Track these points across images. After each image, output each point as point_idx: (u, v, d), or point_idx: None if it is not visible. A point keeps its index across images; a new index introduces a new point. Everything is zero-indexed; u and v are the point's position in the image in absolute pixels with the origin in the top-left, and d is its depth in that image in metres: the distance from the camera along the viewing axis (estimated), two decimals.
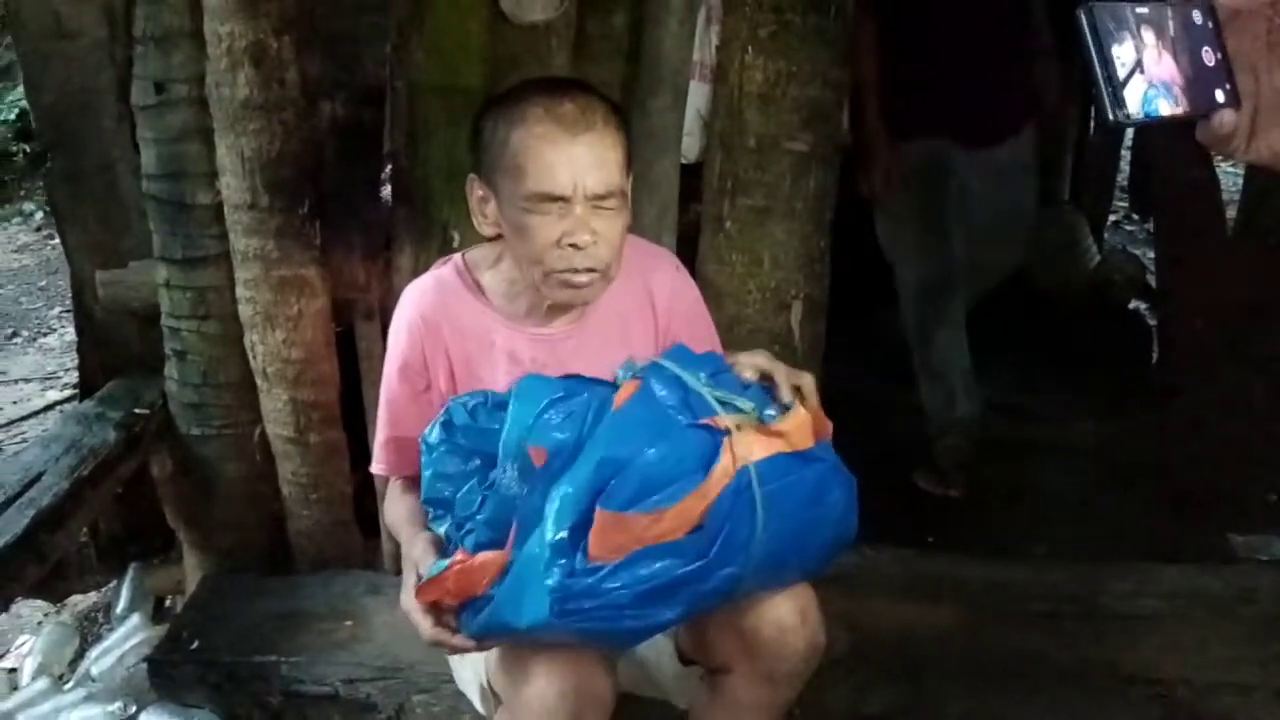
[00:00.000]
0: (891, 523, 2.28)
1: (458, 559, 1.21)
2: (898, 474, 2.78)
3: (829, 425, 1.26)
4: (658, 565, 1.14)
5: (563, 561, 1.14)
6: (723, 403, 1.21)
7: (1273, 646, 1.85)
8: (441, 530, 1.30)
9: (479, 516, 1.23)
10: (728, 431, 1.17)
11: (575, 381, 1.26)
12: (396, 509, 1.47)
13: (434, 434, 1.31)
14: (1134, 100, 0.73)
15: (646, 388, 1.22)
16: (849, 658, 1.82)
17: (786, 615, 1.28)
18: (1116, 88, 0.73)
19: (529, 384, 1.27)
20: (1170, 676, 1.81)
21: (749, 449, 1.17)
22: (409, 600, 1.28)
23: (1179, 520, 2.56)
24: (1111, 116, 0.73)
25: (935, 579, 2.06)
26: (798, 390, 1.26)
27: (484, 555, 1.20)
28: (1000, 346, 3.56)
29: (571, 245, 1.30)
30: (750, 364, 1.29)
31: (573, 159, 1.28)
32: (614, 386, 1.25)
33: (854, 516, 1.27)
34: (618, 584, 1.14)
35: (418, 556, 1.31)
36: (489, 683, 1.36)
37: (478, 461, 1.27)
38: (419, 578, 1.27)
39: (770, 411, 1.22)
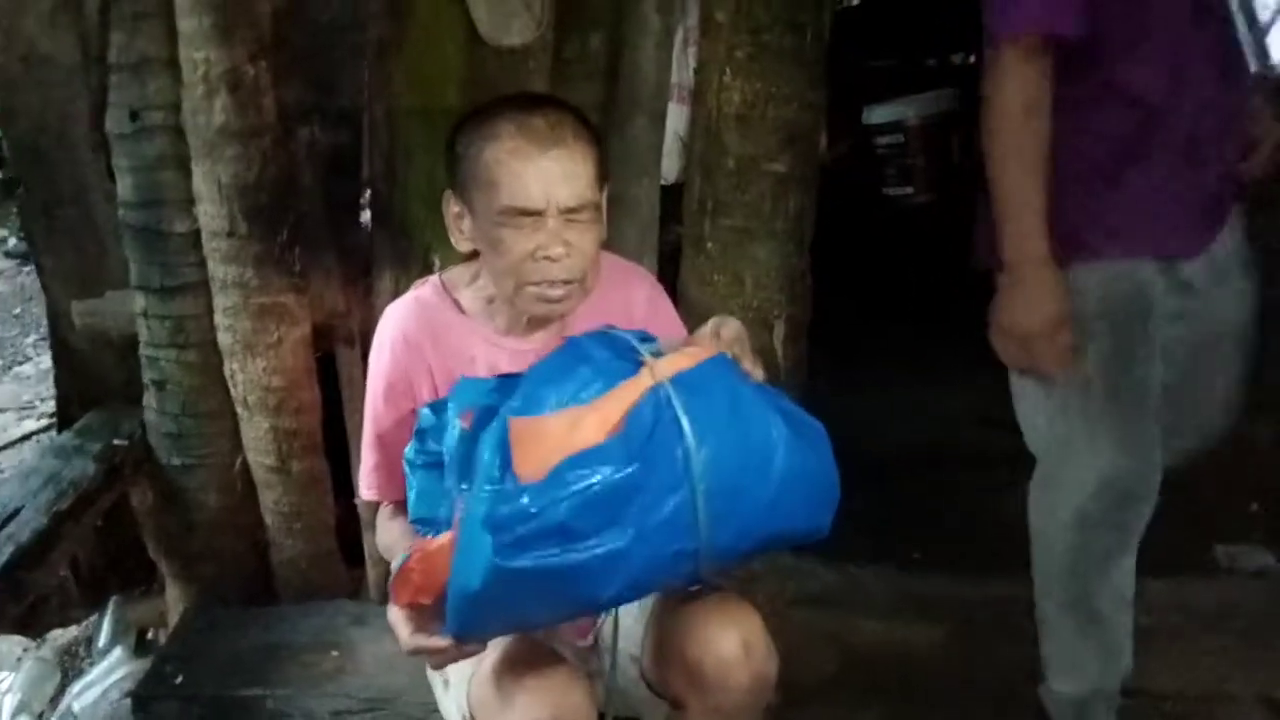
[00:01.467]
0: (878, 540, 2.29)
1: (416, 545, 1.20)
2: (883, 490, 2.78)
3: (757, 373, 1.24)
4: (584, 471, 1.10)
5: (489, 489, 1.12)
6: (650, 351, 1.21)
7: (1261, 657, 1.86)
8: None
9: (442, 515, 1.22)
10: (648, 360, 1.18)
11: (507, 376, 1.28)
12: (389, 532, 1.46)
13: (411, 449, 1.31)
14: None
15: (572, 340, 1.25)
16: (838, 677, 1.82)
17: (728, 649, 1.27)
18: (1260, 38, 0.71)
19: (463, 383, 1.29)
20: (1161, 689, 1.82)
21: (666, 368, 1.17)
22: (393, 613, 1.27)
23: (1164, 532, 2.57)
24: (1258, 66, 0.71)
25: (924, 596, 2.07)
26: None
27: (440, 536, 1.19)
28: (985, 359, 3.58)
29: (545, 258, 1.31)
30: (703, 333, 1.28)
31: (544, 173, 1.29)
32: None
33: (828, 461, 1.22)
34: (547, 499, 1.10)
35: None
36: (470, 713, 1.35)
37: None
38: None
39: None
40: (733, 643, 1.27)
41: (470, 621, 1.19)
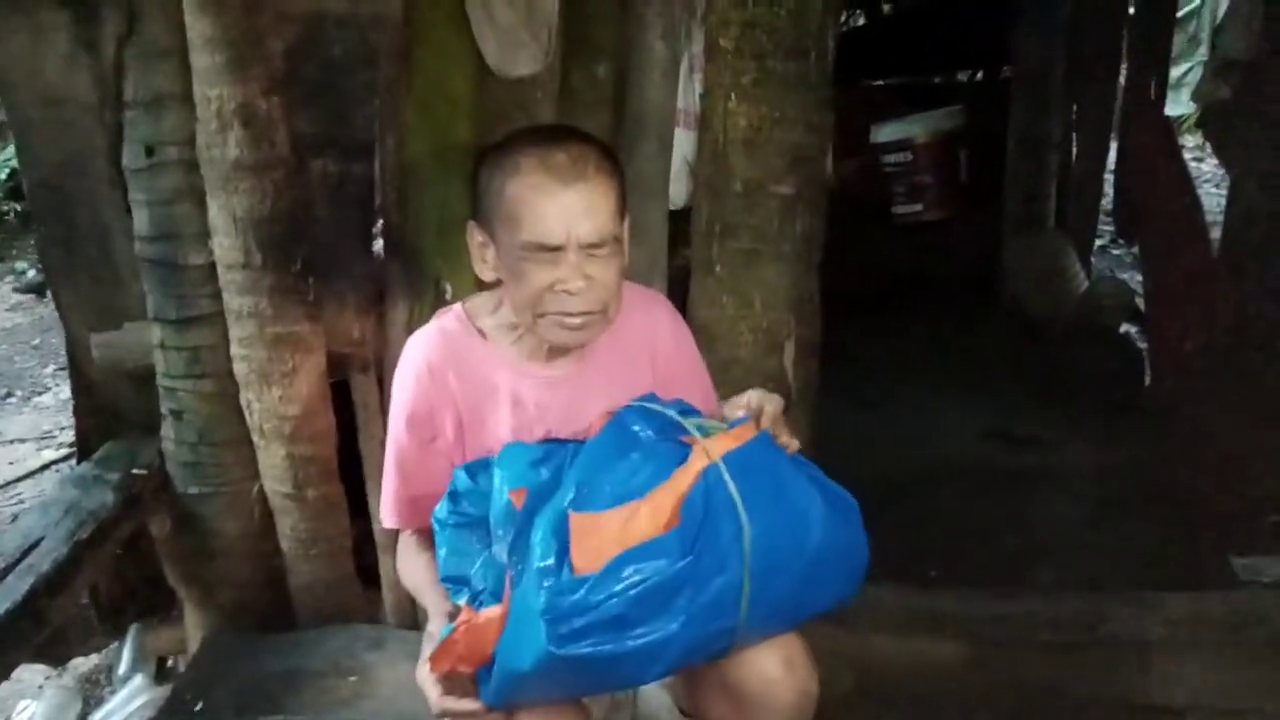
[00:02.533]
0: (893, 558, 2.29)
1: (463, 618, 1.21)
2: (898, 508, 2.78)
3: (793, 444, 1.28)
4: (642, 566, 1.14)
5: (549, 582, 1.14)
6: (694, 426, 1.25)
7: None
8: (462, 602, 1.30)
9: (483, 587, 1.24)
10: (697, 441, 1.21)
11: (553, 444, 1.30)
12: (414, 568, 1.47)
13: (443, 509, 1.32)
14: None
15: (619, 419, 1.26)
16: (854, 695, 1.82)
17: (772, 667, 1.27)
18: None
19: (510, 451, 1.30)
20: (1180, 704, 1.82)
21: (716, 448, 1.20)
22: (422, 672, 1.27)
23: (1179, 544, 2.56)
24: None
25: (938, 613, 2.06)
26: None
27: (487, 610, 1.20)
28: (991, 374, 3.58)
29: (565, 291, 1.32)
30: (738, 404, 1.31)
31: (565, 209, 1.30)
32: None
33: (859, 534, 1.26)
34: (605, 593, 1.13)
35: (434, 631, 1.32)
36: None
37: (490, 534, 1.28)
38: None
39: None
40: (776, 661, 1.28)
41: (511, 696, 1.22)
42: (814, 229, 1.98)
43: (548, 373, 1.44)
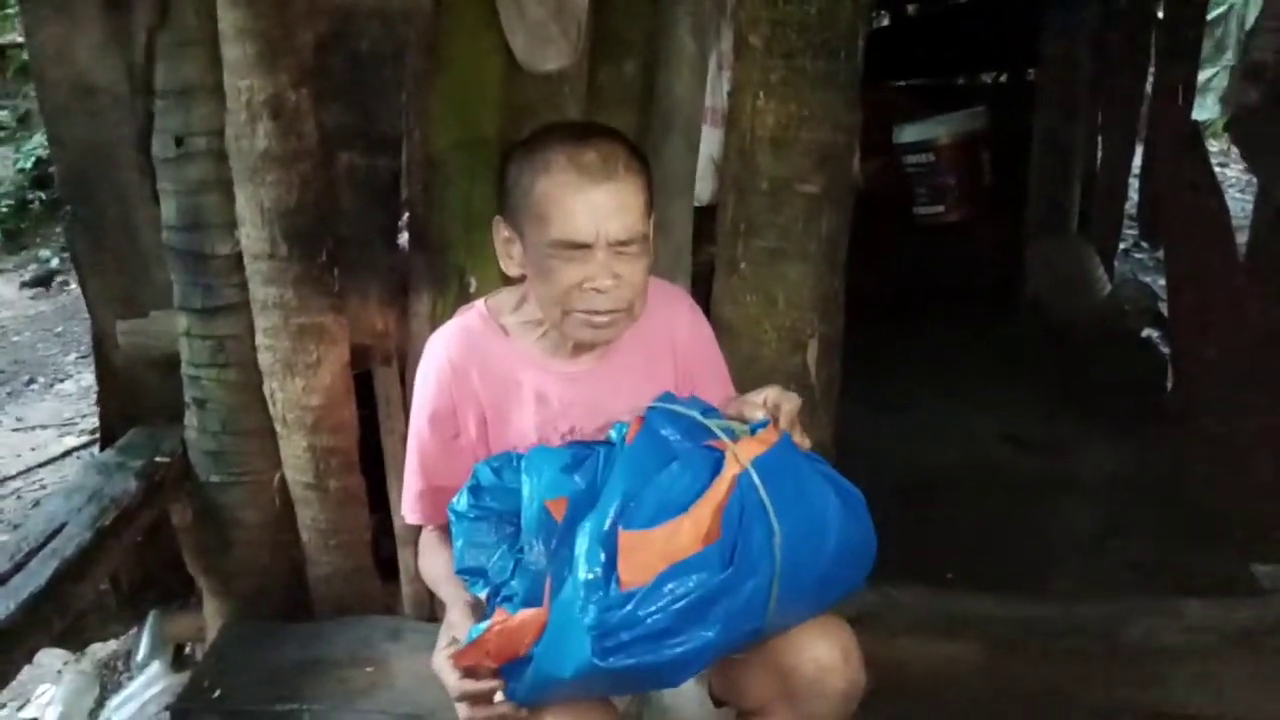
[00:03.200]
0: (910, 560, 2.28)
1: (497, 619, 1.21)
2: (916, 510, 2.77)
3: (806, 442, 1.31)
4: (687, 580, 1.17)
5: (598, 596, 1.16)
6: (720, 428, 1.27)
7: None
8: (480, 594, 1.31)
9: (513, 582, 1.25)
10: (727, 446, 1.24)
11: (580, 446, 1.32)
12: (434, 562, 1.48)
13: (462, 502, 1.33)
14: None
15: (649, 425, 1.28)
16: (870, 697, 1.81)
17: (826, 654, 1.28)
18: None
19: (537, 455, 1.31)
20: (1199, 713, 1.80)
21: (745, 453, 1.23)
22: (440, 660, 1.28)
23: (1200, 551, 2.55)
24: None
25: (957, 616, 2.05)
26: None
27: (523, 613, 1.21)
28: (1013, 378, 3.56)
29: (593, 289, 1.32)
30: (756, 403, 1.32)
31: (595, 207, 1.30)
32: (616, 445, 1.29)
33: (869, 526, 1.28)
34: (652, 608, 1.15)
35: (455, 621, 1.32)
36: None
37: (509, 528, 1.29)
38: (454, 641, 1.27)
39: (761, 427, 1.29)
40: (831, 648, 1.29)
41: (543, 697, 1.24)
42: (839, 228, 1.97)
43: (571, 369, 1.44)
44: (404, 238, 2.04)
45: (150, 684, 2.19)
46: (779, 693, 1.31)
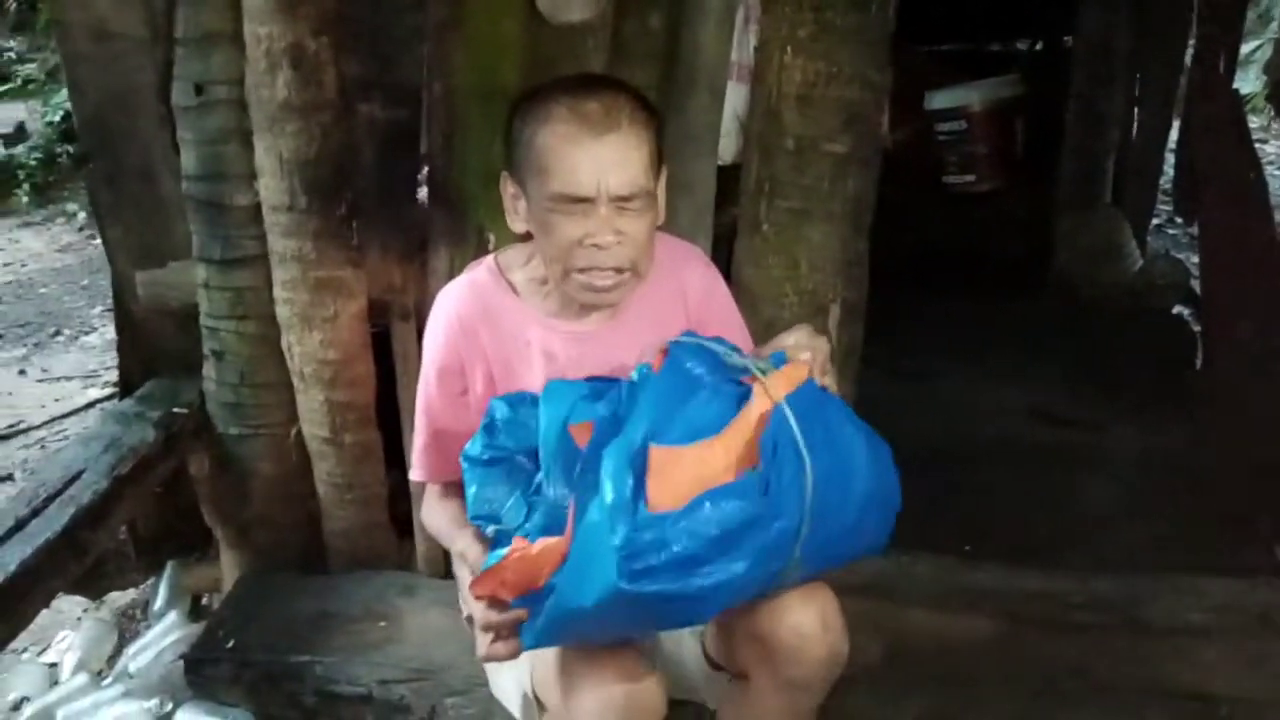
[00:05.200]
0: (927, 531, 2.26)
1: (516, 546, 1.18)
2: (934, 481, 2.74)
3: (833, 387, 1.28)
4: (725, 504, 1.13)
5: (626, 517, 1.12)
6: (747, 364, 1.24)
7: None
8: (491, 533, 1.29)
9: (528, 525, 1.22)
10: (758, 380, 1.21)
11: (599, 382, 1.29)
12: (438, 514, 1.47)
13: (475, 445, 1.30)
14: None
15: (674, 358, 1.25)
16: (883, 667, 1.80)
17: (806, 621, 1.26)
18: None
19: (555, 387, 1.28)
20: (1216, 692, 1.78)
21: (777, 388, 1.19)
22: (475, 605, 1.25)
23: (1224, 531, 2.51)
24: None
25: (973, 589, 2.03)
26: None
27: (544, 541, 1.17)
28: (1041, 351, 3.52)
29: (594, 245, 1.30)
30: (786, 344, 1.29)
31: (596, 159, 1.27)
32: (639, 381, 1.25)
33: (894, 477, 1.26)
34: (685, 532, 1.12)
35: (464, 549, 1.31)
36: (533, 692, 1.35)
37: (523, 474, 1.26)
38: (472, 572, 1.25)
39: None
40: (811, 616, 1.27)
41: (557, 636, 1.20)
42: (866, 190, 1.93)
43: (579, 328, 1.42)
44: (423, 192, 2.02)
45: (167, 633, 2.21)
46: (760, 658, 1.29)
